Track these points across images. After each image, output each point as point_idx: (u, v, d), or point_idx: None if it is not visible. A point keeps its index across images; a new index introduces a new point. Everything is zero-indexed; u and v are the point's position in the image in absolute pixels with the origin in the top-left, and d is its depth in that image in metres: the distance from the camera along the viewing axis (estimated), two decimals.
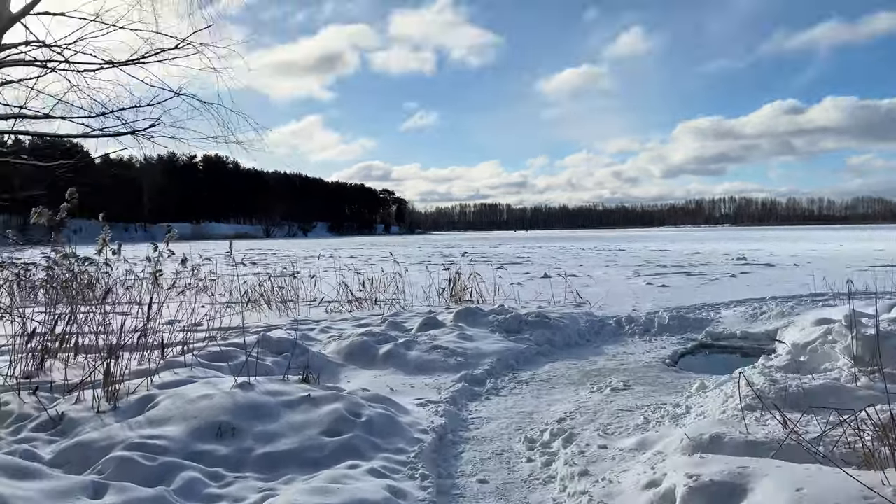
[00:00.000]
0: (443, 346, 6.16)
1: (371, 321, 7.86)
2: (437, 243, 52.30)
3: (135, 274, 13.46)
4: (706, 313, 8.95)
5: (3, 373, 4.69)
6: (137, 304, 10.41)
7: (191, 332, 6.89)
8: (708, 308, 9.52)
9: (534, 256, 26.41)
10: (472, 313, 7.49)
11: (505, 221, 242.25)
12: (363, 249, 37.66)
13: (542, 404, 4.91)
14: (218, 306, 9.63)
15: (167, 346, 5.52)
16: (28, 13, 3.75)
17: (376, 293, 10.31)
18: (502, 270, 13.63)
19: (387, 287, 11.76)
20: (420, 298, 10.43)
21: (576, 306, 9.64)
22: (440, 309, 9.00)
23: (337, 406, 3.74)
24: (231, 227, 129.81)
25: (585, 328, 7.70)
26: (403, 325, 7.24)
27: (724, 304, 9.92)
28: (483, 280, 11.00)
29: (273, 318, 8.53)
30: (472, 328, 7.09)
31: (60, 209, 5.13)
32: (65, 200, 5.14)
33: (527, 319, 7.35)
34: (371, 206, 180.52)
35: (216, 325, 7.57)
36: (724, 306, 9.72)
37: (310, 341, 6.51)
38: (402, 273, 11.36)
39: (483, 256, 26.41)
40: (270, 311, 9.14)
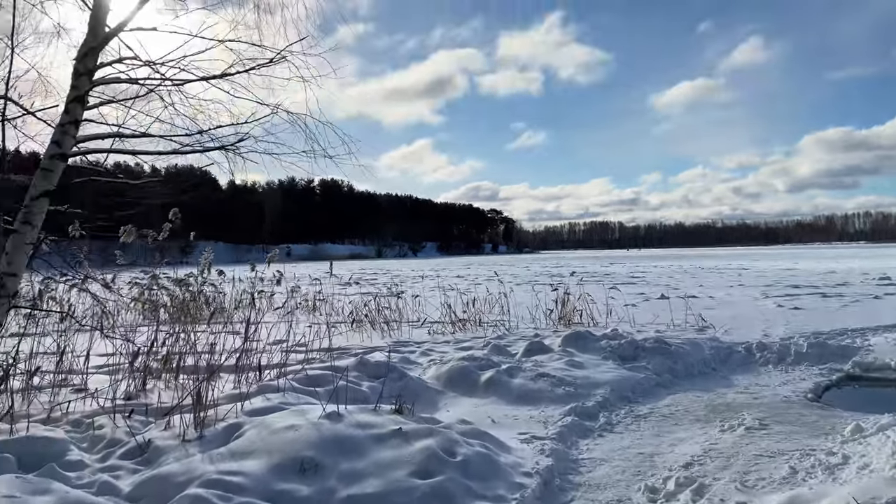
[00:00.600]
0: (550, 374, 5.67)
1: (474, 344, 7.47)
2: (546, 262, 51.38)
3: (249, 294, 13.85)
4: (851, 340, 7.90)
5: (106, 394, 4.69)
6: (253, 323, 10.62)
7: (292, 353, 6.78)
8: (852, 334, 8.42)
9: (648, 276, 25.15)
10: (582, 338, 6.94)
11: (616, 240, 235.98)
12: (470, 269, 37.53)
13: (663, 444, 4.32)
14: (323, 326, 9.60)
15: (265, 368, 5.39)
16: (123, 29, 3.69)
17: (480, 314, 9.93)
18: (615, 291, 12.88)
19: (491, 308, 11.36)
20: (526, 320, 9.94)
21: (698, 331, 8.81)
22: (547, 332, 8.48)
23: (430, 443, 3.36)
24: (346, 248, 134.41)
25: (710, 356, 6.94)
26: (507, 350, 6.80)
27: (872, 330, 8.76)
28: (594, 301, 10.36)
29: (376, 338, 8.34)
30: (582, 354, 6.54)
31: (163, 229, 5.14)
32: (168, 221, 5.14)
33: (643, 345, 6.71)
34: (479, 226, 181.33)
35: (318, 346, 7.45)
36: (871, 332, 8.57)
37: (409, 365, 6.21)
38: (507, 293, 10.91)
39: (594, 276, 25.45)
40: (374, 331, 8.97)
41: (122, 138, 3.83)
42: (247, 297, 12.70)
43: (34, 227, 3.44)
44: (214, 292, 12.21)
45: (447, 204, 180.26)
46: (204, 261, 5.71)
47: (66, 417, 4.11)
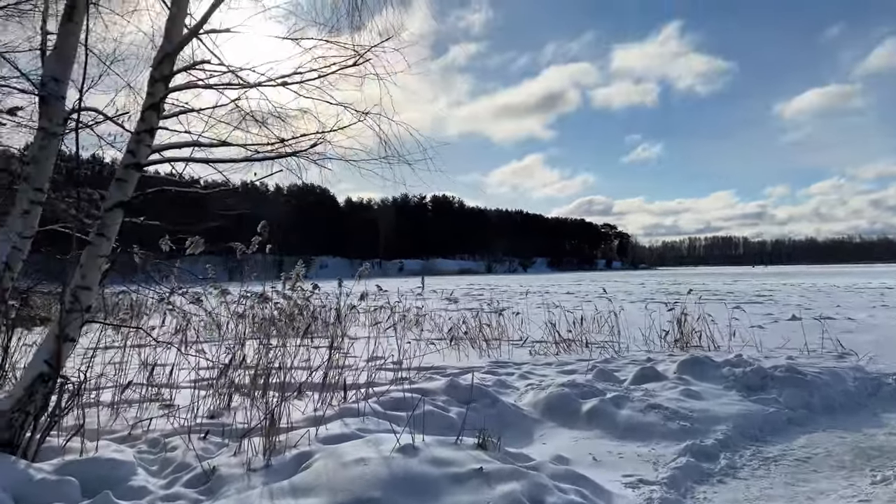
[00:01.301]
0: (662, 405, 5.03)
1: (578, 367, 6.90)
2: (662, 279, 49.09)
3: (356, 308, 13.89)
4: None
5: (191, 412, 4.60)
6: (349, 338, 10.56)
7: (385, 370, 6.53)
8: None
9: (777, 295, 23.19)
10: (701, 364, 6.20)
11: (740, 256, 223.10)
12: (581, 285, 36.40)
13: (799, 497, 3.62)
14: (421, 343, 9.34)
15: (351, 387, 5.14)
16: (199, 32, 3.55)
17: (587, 334, 9.30)
18: (739, 311, 11.80)
19: (600, 327, 10.68)
20: (637, 342, 9.20)
21: (837, 358, 7.75)
22: (661, 356, 7.74)
23: (514, 487, 2.91)
24: (456, 263, 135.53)
25: (854, 388, 5.99)
26: (615, 375, 6.19)
27: None
28: (715, 322, 9.46)
29: (473, 357, 7.95)
30: (701, 382, 5.82)
31: (252, 243, 5.02)
32: (257, 234, 5.02)
33: (773, 374, 5.88)
34: (591, 241, 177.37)
35: (412, 365, 7.17)
36: None
37: (505, 389, 5.75)
38: (616, 312, 10.20)
39: (715, 294, 23.82)
40: (472, 350, 8.58)
41: (199, 147, 3.68)
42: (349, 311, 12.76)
43: (108, 239, 3.34)
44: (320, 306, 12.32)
45: (558, 219, 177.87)
46: (294, 274, 5.53)
47: (145, 435, 4.01)
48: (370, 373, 5.99)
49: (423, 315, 11.83)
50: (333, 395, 4.92)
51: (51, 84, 3.60)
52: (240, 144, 3.72)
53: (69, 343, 3.26)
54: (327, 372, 5.10)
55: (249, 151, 3.71)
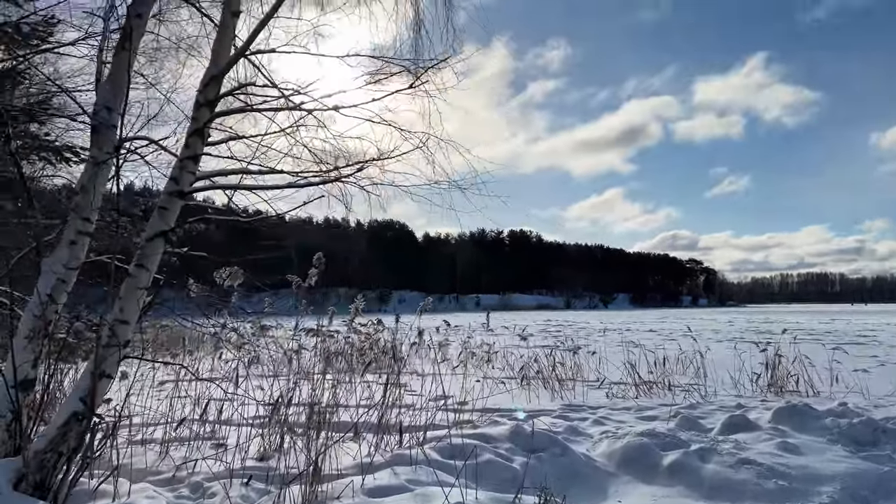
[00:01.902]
0: (755, 460, 4.44)
1: (659, 413, 6.33)
2: (752, 317, 46.52)
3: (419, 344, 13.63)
4: None
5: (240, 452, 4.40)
6: (417, 375, 10.27)
7: (447, 411, 6.18)
8: None
9: (881, 335, 21.37)
10: (800, 413, 5.53)
11: (837, 293, 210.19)
12: (664, 322, 34.91)
13: None
14: (489, 382, 8.94)
15: (409, 429, 4.83)
16: (247, 52, 3.42)
17: (670, 376, 8.64)
18: (839, 352, 10.79)
19: (685, 369, 9.96)
20: (726, 385, 8.47)
21: None
22: (752, 402, 7.04)
23: None
24: (533, 299, 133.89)
25: None
26: (700, 423, 5.60)
27: None
28: (813, 365, 8.61)
29: (545, 399, 7.49)
30: (800, 434, 5.16)
31: (310, 275, 4.84)
32: (313, 266, 4.83)
33: (885, 427, 5.16)
34: (676, 277, 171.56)
35: (478, 406, 6.79)
36: None
37: (576, 436, 5.28)
38: (702, 352, 9.48)
39: (811, 333, 22.23)
40: (544, 391, 8.11)
41: (248, 174, 3.53)
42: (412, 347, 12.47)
43: (148, 270, 3.20)
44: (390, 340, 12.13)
45: (640, 253, 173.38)
46: (353, 308, 5.31)
47: (189, 478, 3.82)
48: (430, 414, 5.66)
49: (495, 352, 11.42)
50: (389, 437, 4.62)
51: (102, 112, 3.55)
52: (290, 172, 3.55)
53: (105, 380, 3.11)
54: (383, 413, 4.81)
55: (300, 178, 3.52)
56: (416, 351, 13.46)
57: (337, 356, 11.64)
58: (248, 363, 10.13)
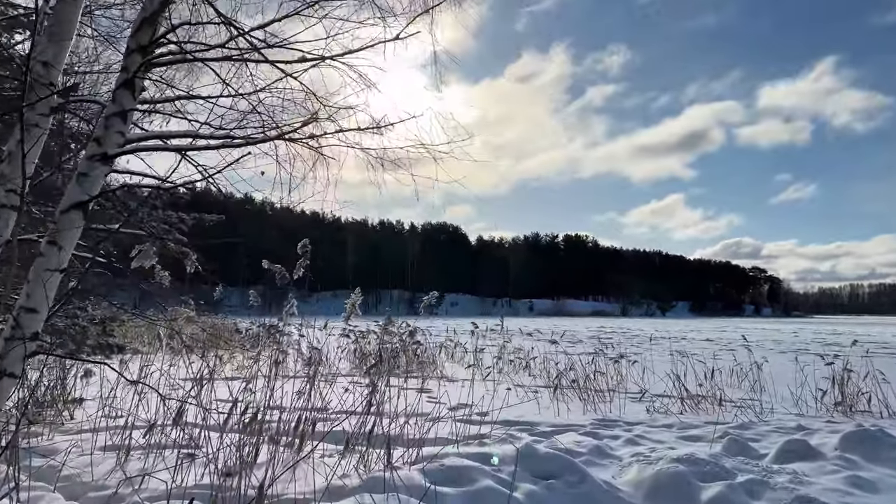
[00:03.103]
0: (816, 499, 3.63)
1: (704, 434, 5.51)
2: (819, 328, 44.02)
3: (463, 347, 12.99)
4: None
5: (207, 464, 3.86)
6: (447, 380, 9.64)
7: (462, 422, 5.53)
8: None
9: None
10: (874, 439, 4.64)
11: None
12: (724, 332, 33.23)
13: None
14: (521, 391, 8.23)
15: (410, 444, 4.20)
16: None
17: (722, 390, 7.75)
18: None
19: (740, 382, 9.02)
20: (786, 402, 7.52)
21: None
22: (816, 423, 6.13)
23: None
24: (588, 305, 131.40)
25: None
26: (751, 448, 4.77)
27: None
28: (888, 381, 7.59)
29: (576, 412, 6.74)
30: (874, 466, 4.30)
31: (297, 266, 4.28)
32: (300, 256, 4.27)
33: None
34: (738, 286, 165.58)
35: (501, 417, 6.11)
36: None
37: (603, 458, 4.54)
38: (760, 364, 8.53)
39: (884, 347, 20.55)
40: (581, 401, 7.35)
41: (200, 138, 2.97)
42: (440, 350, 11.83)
43: (63, 249, 2.68)
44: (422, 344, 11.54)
45: (701, 260, 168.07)
46: (349, 305, 4.71)
47: (131, 497, 3.29)
48: (438, 426, 5.02)
49: (532, 358, 10.68)
50: (376, 454, 4.00)
51: (37, 68, 3.06)
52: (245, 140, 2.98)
53: (8, 379, 2.60)
54: (374, 423, 4.19)
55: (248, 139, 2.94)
56: (450, 355, 12.87)
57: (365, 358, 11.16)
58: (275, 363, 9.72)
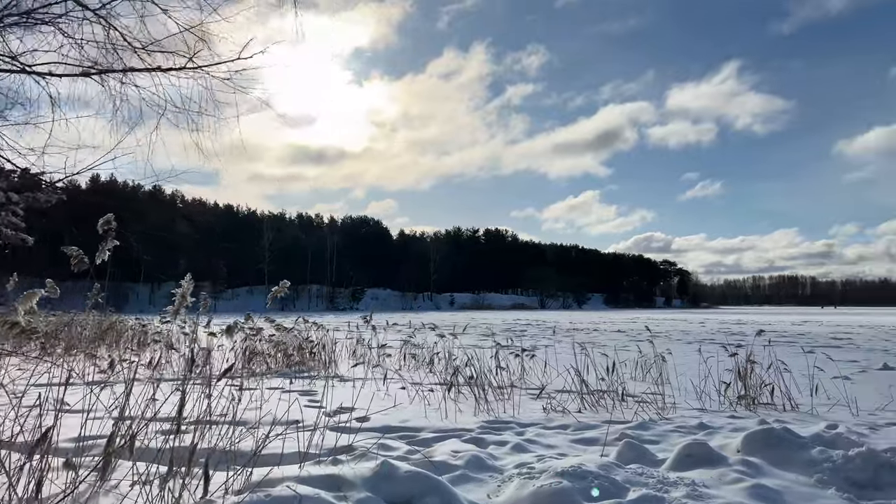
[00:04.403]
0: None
1: (600, 435, 4.97)
2: (725, 318, 45.73)
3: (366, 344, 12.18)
4: None
5: None
6: (340, 380, 8.86)
7: (333, 430, 4.78)
8: None
9: (857, 338, 20.38)
10: (779, 441, 4.19)
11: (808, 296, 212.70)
12: (636, 323, 33.82)
13: None
14: (416, 389, 7.55)
15: (251, 463, 3.40)
16: None
17: (626, 383, 7.32)
18: (816, 357, 9.61)
19: (644, 375, 8.68)
20: (690, 396, 7.17)
21: None
22: (719, 419, 5.72)
23: None
24: (508, 298, 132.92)
25: None
26: (649, 453, 4.24)
27: None
28: (789, 371, 7.38)
29: (468, 413, 6.10)
30: (779, 471, 3.84)
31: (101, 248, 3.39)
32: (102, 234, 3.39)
33: (892, 461, 3.85)
34: (650, 278, 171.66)
35: (381, 423, 5.41)
36: None
37: (480, 472, 3.89)
38: (664, 356, 8.18)
39: (784, 335, 21.16)
40: (476, 400, 6.72)
41: None
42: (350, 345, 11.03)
43: None
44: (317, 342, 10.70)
45: (615, 254, 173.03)
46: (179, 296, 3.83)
47: None
48: (301, 437, 4.25)
49: (436, 353, 10.02)
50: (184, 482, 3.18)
51: None
52: None
53: None
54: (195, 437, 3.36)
55: None
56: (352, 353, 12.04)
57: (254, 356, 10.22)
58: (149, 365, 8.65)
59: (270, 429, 4.04)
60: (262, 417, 4.80)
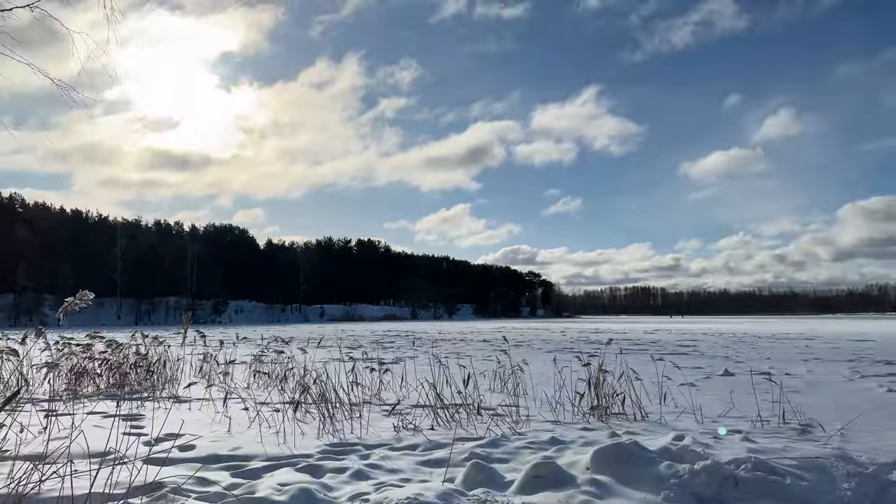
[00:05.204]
0: None
1: (451, 454, 4.64)
2: (584, 327, 47.84)
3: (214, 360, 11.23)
4: None
5: None
6: (177, 401, 7.99)
7: (148, 462, 4.10)
8: None
9: (701, 345, 21.81)
10: (627, 455, 4.05)
11: (660, 306, 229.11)
12: (501, 332, 34.46)
13: None
14: (264, 409, 6.89)
15: None
16: None
17: (481, 397, 7.10)
18: (665, 364, 9.98)
19: (503, 384, 8.52)
20: (545, 407, 7.07)
21: (799, 433, 5.84)
22: (571, 432, 5.59)
23: None
24: (380, 309, 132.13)
25: (851, 492, 3.98)
26: (497, 475, 3.95)
27: None
28: (640, 378, 7.47)
29: (311, 435, 5.57)
30: (628, 490, 3.67)
31: None
32: None
33: (735, 474, 3.80)
34: (517, 289, 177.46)
35: (210, 451, 4.77)
36: None
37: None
38: (522, 367, 8.06)
39: (637, 344, 22.25)
40: (323, 420, 6.19)
41: None
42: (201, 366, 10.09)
43: None
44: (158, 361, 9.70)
45: (484, 266, 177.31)
46: None
47: None
48: (96, 475, 3.56)
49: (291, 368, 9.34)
50: None
51: None
52: None
53: None
54: None
55: None
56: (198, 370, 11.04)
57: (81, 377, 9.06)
58: None
59: (65, 464, 3.38)
60: (60, 451, 4.05)
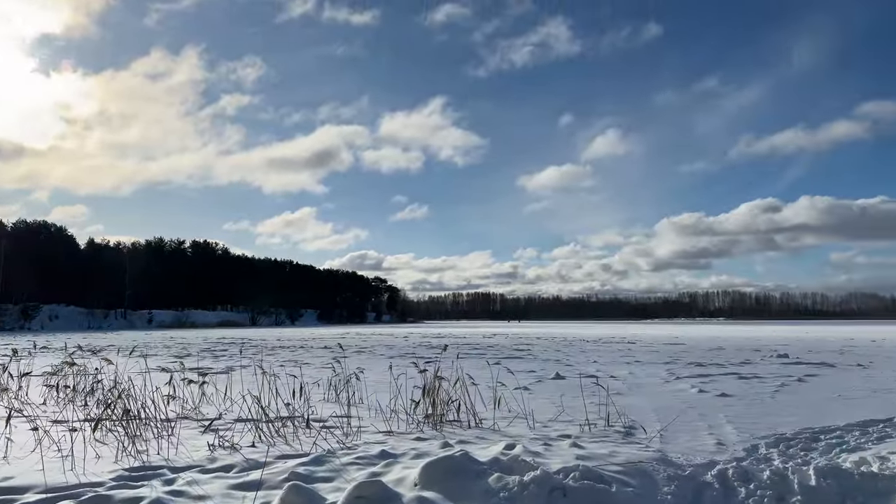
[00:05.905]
0: None
1: (269, 477, 4.19)
2: (427, 332, 48.39)
3: None
4: (861, 451, 5.34)
5: None
6: None
7: None
8: (850, 437, 6.06)
9: (535, 349, 22.74)
10: (457, 468, 3.85)
11: (499, 311, 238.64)
12: (345, 339, 33.81)
13: None
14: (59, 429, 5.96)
15: None
16: None
17: (312, 409, 6.67)
18: (501, 368, 10.14)
19: (338, 395, 8.13)
20: (379, 417, 6.78)
21: (624, 436, 6.04)
22: (403, 444, 5.34)
23: None
24: (216, 315, 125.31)
25: (672, 495, 4.07)
26: (317, 498, 3.58)
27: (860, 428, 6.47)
28: (476, 384, 7.42)
29: (109, 459, 4.85)
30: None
31: None
32: None
33: (564, 484, 3.73)
34: (363, 295, 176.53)
35: None
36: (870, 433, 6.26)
37: None
38: (358, 375, 7.72)
39: (476, 348, 22.73)
40: (124, 440, 5.42)
41: None
42: None
43: None
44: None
45: (330, 270, 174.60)
46: None
47: None
48: None
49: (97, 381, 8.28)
50: None
51: None
52: None
53: None
54: None
55: None
56: None
57: None
58: None
59: None
60: None
